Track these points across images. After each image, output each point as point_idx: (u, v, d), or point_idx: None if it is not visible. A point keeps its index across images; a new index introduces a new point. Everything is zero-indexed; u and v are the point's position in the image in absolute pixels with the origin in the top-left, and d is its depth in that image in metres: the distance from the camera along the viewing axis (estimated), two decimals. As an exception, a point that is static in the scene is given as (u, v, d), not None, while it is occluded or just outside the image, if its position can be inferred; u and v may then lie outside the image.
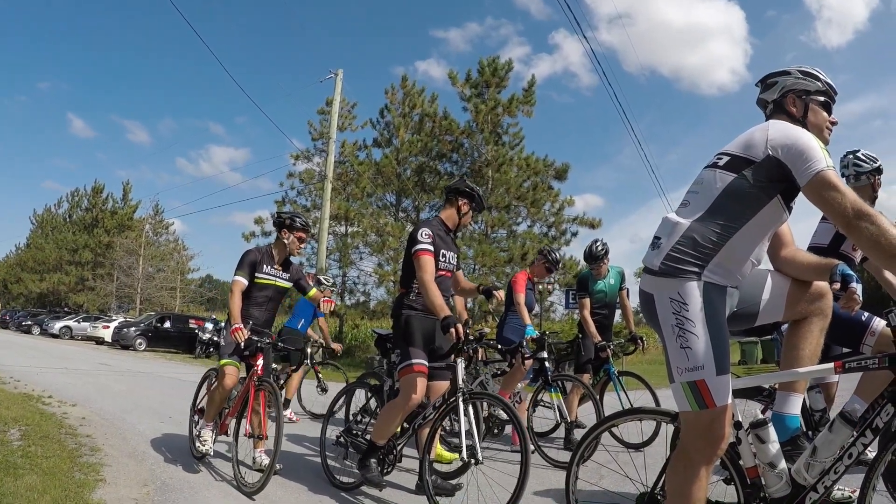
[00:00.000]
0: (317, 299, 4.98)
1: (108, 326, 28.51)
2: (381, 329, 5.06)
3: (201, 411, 4.95)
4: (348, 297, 27.40)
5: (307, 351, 7.86)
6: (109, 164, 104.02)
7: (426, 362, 3.93)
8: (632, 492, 2.76)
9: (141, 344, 25.35)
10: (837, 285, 2.34)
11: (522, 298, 5.94)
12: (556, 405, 5.41)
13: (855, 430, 2.23)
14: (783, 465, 2.35)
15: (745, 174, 2.23)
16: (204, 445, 4.63)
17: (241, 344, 4.44)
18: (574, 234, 26.13)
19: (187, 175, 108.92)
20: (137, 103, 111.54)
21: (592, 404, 5.29)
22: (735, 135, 2.38)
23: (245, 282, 4.66)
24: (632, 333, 6.33)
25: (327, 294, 8.51)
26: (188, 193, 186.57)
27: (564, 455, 4.96)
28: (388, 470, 4.05)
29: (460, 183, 4.33)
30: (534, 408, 5.56)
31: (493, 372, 6.04)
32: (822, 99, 2.42)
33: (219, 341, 6.00)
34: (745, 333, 2.86)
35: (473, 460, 3.57)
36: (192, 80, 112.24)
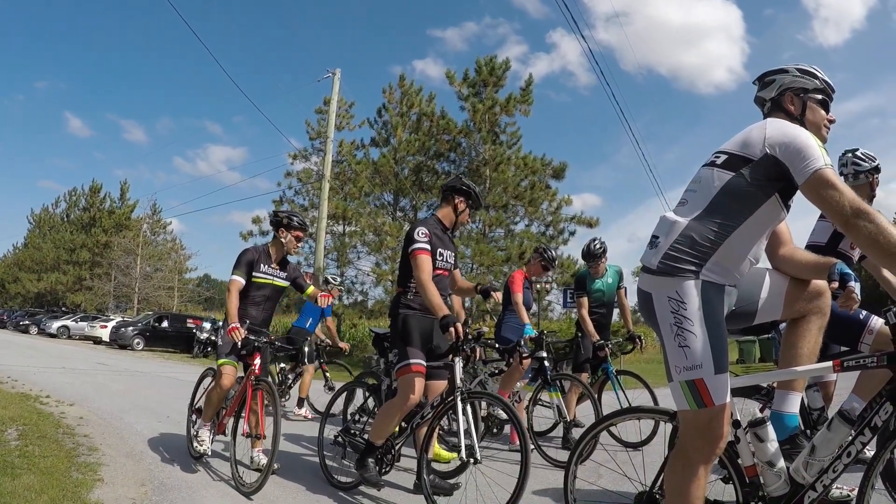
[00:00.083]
0: (315, 296, 4.99)
1: (105, 326, 28.45)
2: (378, 328, 5.05)
3: (199, 411, 4.94)
4: (346, 297, 27.41)
5: (305, 350, 7.87)
6: (107, 164, 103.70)
7: (424, 362, 3.92)
8: (630, 491, 2.75)
9: (139, 343, 25.30)
10: (836, 284, 2.34)
11: (520, 298, 5.93)
12: (556, 404, 5.41)
13: (853, 429, 2.23)
14: (782, 463, 2.35)
15: (743, 172, 2.22)
16: (202, 445, 4.62)
17: (239, 343, 4.43)
18: (572, 234, 26.17)
19: (185, 174, 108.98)
20: (135, 102, 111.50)
21: (591, 403, 5.29)
22: (733, 133, 2.38)
23: (242, 281, 4.66)
24: (630, 332, 6.34)
25: (335, 293, 8.60)
26: (186, 193, 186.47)
27: (563, 454, 4.96)
28: (386, 469, 4.05)
29: (456, 181, 4.30)
30: (533, 407, 5.57)
31: (491, 371, 6.04)
32: (819, 97, 2.42)
33: (216, 341, 5.99)
34: (743, 332, 2.86)
35: (472, 460, 3.56)
36: (190, 79, 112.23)
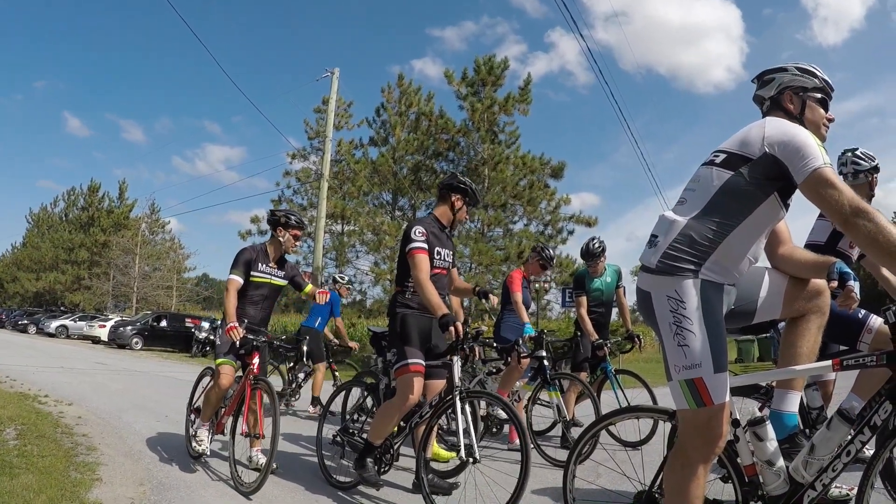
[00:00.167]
0: (312, 294, 5.00)
1: (104, 325, 28.39)
2: (376, 327, 5.05)
3: (197, 410, 4.93)
4: (345, 296, 27.41)
5: (304, 349, 7.87)
6: (106, 163, 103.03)
7: (423, 361, 3.90)
8: (629, 490, 2.75)
9: (137, 343, 25.26)
10: (835, 283, 2.34)
11: (519, 297, 5.92)
12: (556, 404, 5.41)
13: (853, 428, 2.23)
14: (781, 462, 2.35)
15: (742, 171, 2.22)
16: (200, 445, 4.61)
17: (237, 343, 4.43)
18: (571, 233, 26.26)
19: (183, 174, 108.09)
20: (134, 102, 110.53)
21: (591, 402, 5.29)
22: (731, 133, 2.38)
23: (240, 280, 4.65)
24: (629, 331, 6.33)
25: (343, 291, 8.62)
26: (184, 192, 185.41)
27: (562, 453, 4.96)
28: (385, 469, 4.04)
29: (452, 178, 4.27)
30: (532, 406, 5.56)
31: (489, 370, 6.04)
32: (819, 96, 2.42)
33: (215, 340, 5.99)
34: (742, 331, 2.87)
35: (471, 459, 3.55)
36: (189, 79, 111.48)
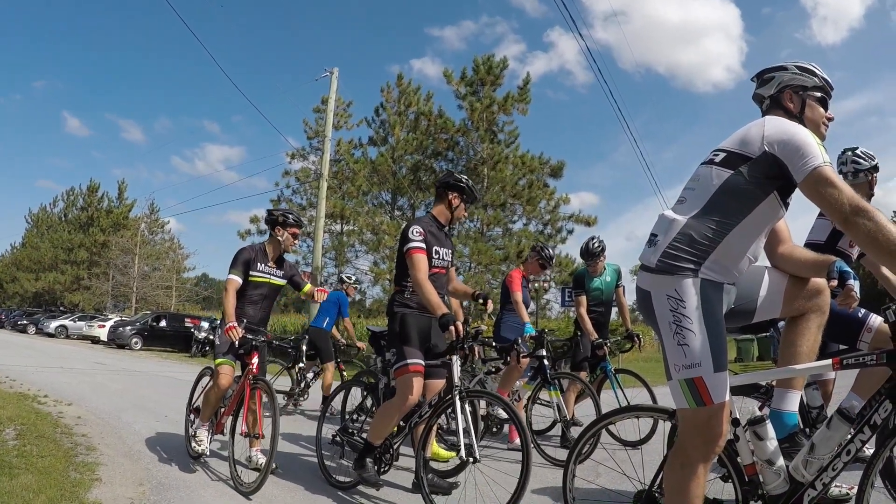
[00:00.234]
0: (311, 294, 5.00)
1: (103, 325, 28.37)
2: (374, 326, 5.05)
3: (197, 410, 4.93)
4: (352, 296, 27.42)
5: (303, 349, 7.86)
6: (105, 163, 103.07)
7: (422, 361, 3.90)
8: (629, 489, 2.75)
9: (137, 343, 25.25)
10: (835, 282, 2.34)
11: (519, 296, 5.91)
12: (556, 403, 5.40)
13: (853, 427, 2.23)
14: (781, 462, 2.34)
15: (742, 170, 2.22)
16: (200, 445, 4.61)
17: (236, 343, 4.42)
18: (570, 232, 26.22)
19: (183, 174, 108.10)
20: (133, 102, 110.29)
21: (592, 401, 5.28)
22: (731, 132, 2.37)
23: (239, 280, 4.65)
24: (628, 331, 6.33)
25: (351, 291, 8.61)
26: (183, 192, 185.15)
27: (562, 453, 4.96)
28: (385, 469, 4.04)
29: (448, 176, 4.25)
30: (531, 405, 5.56)
31: (488, 369, 6.04)
32: (818, 94, 2.42)
33: (214, 340, 5.98)
34: (742, 330, 2.87)
35: (471, 459, 3.55)
36: (189, 79, 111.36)
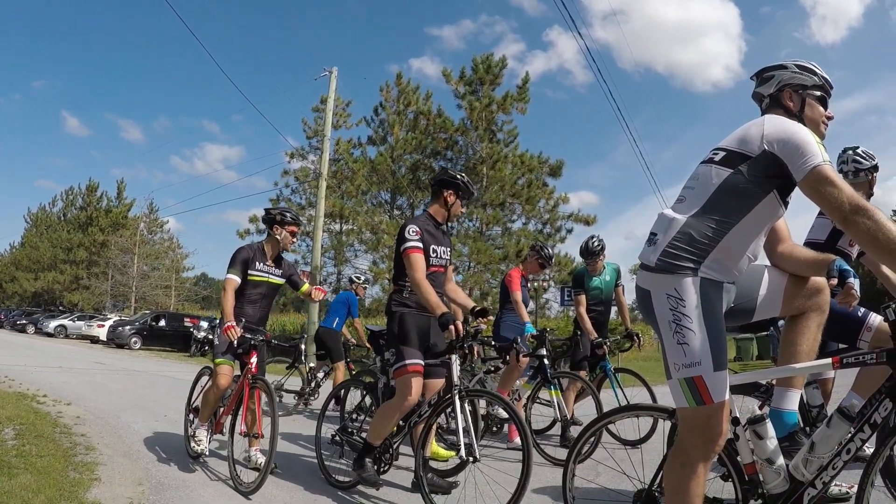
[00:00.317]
0: (309, 293, 4.99)
1: (102, 325, 28.34)
2: (373, 325, 5.05)
3: (196, 410, 4.92)
4: (361, 296, 27.43)
5: (301, 348, 7.86)
6: (104, 163, 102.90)
7: (422, 361, 3.88)
8: (629, 489, 2.75)
9: (136, 342, 25.24)
10: (835, 281, 2.34)
11: (519, 296, 5.90)
12: (556, 402, 5.39)
13: (853, 426, 2.22)
14: (781, 461, 2.34)
15: (741, 169, 2.22)
16: (199, 446, 4.61)
17: (235, 342, 4.42)
18: (569, 231, 26.30)
19: (182, 173, 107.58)
20: (133, 102, 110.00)
21: (592, 399, 5.27)
22: (730, 131, 2.37)
23: (238, 279, 4.63)
24: (628, 330, 6.33)
25: (361, 291, 8.58)
26: (183, 192, 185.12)
27: (561, 452, 4.95)
28: (384, 469, 4.03)
29: (443, 174, 4.21)
30: (531, 405, 5.56)
31: (487, 369, 6.03)
32: (818, 93, 2.42)
33: (213, 339, 5.97)
34: (742, 329, 2.86)
35: (471, 458, 3.55)
36: (188, 78, 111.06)
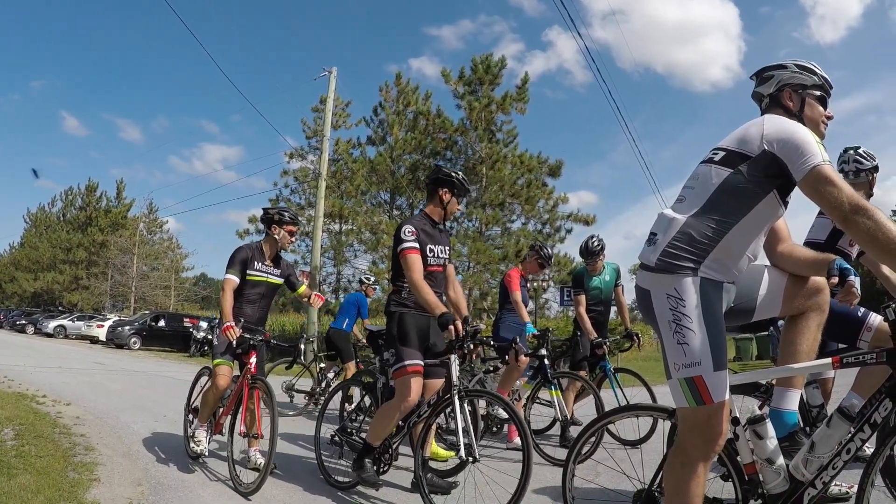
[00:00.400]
0: (307, 295, 4.98)
1: (102, 325, 28.36)
2: (372, 325, 5.04)
3: (195, 410, 4.92)
4: (342, 295, 27.43)
5: (301, 348, 7.85)
6: (103, 163, 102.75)
7: (421, 361, 3.87)
8: (629, 489, 2.75)
9: (135, 343, 25.25)
10: (835, 280, 2.33)
11: (518, 296, 5.89)
12: (556, 402, 5.39)
13: (853, 426, 2.22)
14: (781, 461, 2.34)
15: (741, 169, 2.21)
16: (198, 446, 4.60)
17: (234, 342, 4.41)
18: (569, 231, 26.23)
19: (181, 173, 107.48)
20: (132, 102, 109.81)
21: (594, 399, 5.27)
22: (730, 131, 2.37)
23: (236, 279, 4.63)
24: (628, 330, 6.33)
25: (370, 292, 8.53)
26: (182, 192, 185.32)
27: (561, 452, 4.95)
28: (384, 469, 4.03)
29: (437, 172, 4.17)
30: (531, 405, 5.55)
31: (486, 368, 6.03)
32: (818, 93, 2.42)
33: (213, 339, 5.96)
34: (741, 329, 2.86)
35: (471, 458, 3.54)
36: (188, 78, 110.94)
